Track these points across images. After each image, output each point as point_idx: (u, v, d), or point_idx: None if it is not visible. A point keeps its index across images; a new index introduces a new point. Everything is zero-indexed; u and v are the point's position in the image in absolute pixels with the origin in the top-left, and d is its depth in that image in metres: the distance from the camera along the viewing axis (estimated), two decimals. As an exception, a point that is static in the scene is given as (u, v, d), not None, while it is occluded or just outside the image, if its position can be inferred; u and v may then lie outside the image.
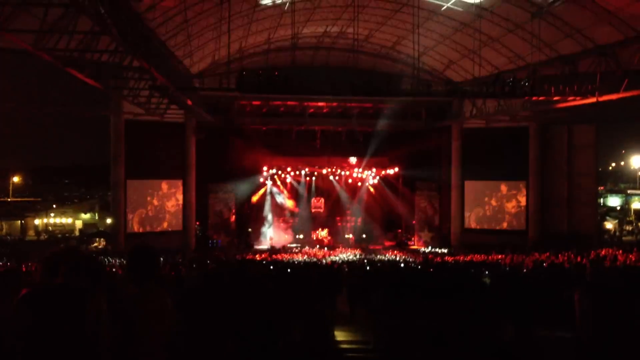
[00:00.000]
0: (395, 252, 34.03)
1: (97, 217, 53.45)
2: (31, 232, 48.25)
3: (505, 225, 35.12)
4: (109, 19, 15.33)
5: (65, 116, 27.83)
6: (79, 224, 52.45)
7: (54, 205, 54.17)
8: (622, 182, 59.62)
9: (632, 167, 55.26)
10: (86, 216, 54.04)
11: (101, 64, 21.10)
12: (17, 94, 22.49)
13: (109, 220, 40.16)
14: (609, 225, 43.77)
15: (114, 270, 15.96)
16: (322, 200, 39.75)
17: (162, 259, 17.13)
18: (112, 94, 25.06)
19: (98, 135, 33.98)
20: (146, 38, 20.92)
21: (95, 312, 3.48)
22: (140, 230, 32.52)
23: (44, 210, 51.93)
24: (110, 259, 24.57)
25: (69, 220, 52.56)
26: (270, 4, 26.92)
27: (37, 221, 50.20)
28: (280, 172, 37.65)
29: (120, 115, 30.63)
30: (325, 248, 35.68)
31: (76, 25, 16.15)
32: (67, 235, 47.03)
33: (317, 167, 38.10)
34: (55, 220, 52.12)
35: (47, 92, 23.42)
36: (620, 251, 22.64)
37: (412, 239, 38.14)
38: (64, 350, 3.35)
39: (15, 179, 55.12)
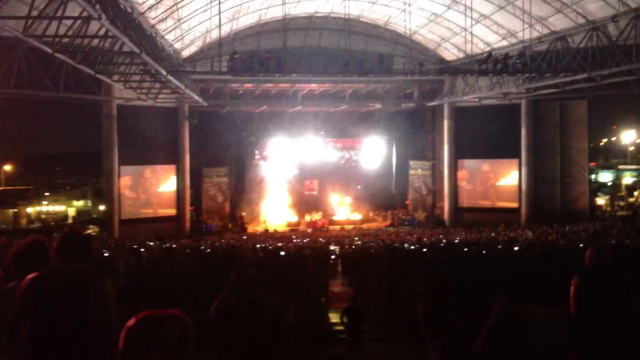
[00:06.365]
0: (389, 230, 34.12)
1: (90, 204, 53.23)
2: (24, 221, 48.06)
3: (498, 203, 35.23)
4: (97, 4, 15.17)
5: (56, 103, 27.61)
6: (72, 211, 52.24)
7: (47, 193, 53.94)
8: (614, 157, 59.75)
9: (623, 143, 55.37)
10: (79, 203, 53.82)
11: (91, 49, 20.92)
12: (6, 81, 22.30)
13: (102, 207, 40.04)
14: (601, 201, 43.95)
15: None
16: (316, 182, 39.75)
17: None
18: (103, 80, 24.90)
19: (90, 121, 33.76)
20: (136, 22, 20.76)
21: (101, 296, 3.48)
22: (134, 215, 32.50)
23: (37, 198, 51.69)
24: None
25: (62, 208, 52.36)
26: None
27: (29, 209, 49.98)
28: (273, 154, 37.53)
29: (111, 101, 30.45)
30: (319, 230, 35.72)
31: (65, 11, 15.98)
32: (60, 222, 46.85)
33: (310, 148, 37.98)
34: (48, 208, 51.91)
35: (37, 79, 23.24)
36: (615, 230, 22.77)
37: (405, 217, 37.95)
38: (70, 336, 3.34)
39: (7, 168, 54.79)
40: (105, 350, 3.42)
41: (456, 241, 21.37)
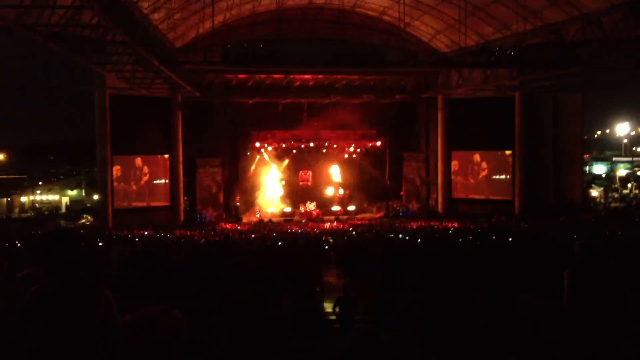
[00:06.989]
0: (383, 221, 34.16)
1: (83, 194, 53.17)
2: (17, 210, 47.97)
3: (491, 194, 35.30)
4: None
5: (49, 92, 27.48)
6: (65, 200, 52.16)
7: (40, 182, 53.86)
8: (608, 149, 59.97)
9: (617, 135, 55.57)
10: (73, 193, 53.78)
11: (84, 38, 20.79)
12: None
13: (95, 197, 39.96)
14: (595, 193, 44.16)
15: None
16: (310, 172, 39.72)
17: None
18: (96, 69, 24.81)
19: (83, 110, 33.68)
20: (128, 11, 20.65)
21: (104, 304, 3.42)
22: (128, 206, 32.47)
23: (30, 187, 51.61)
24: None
25: (56, 197, 52.28)
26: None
27: (23, 198, 49.87)
28: (266, 145, 37.49)
29: (104, 91, 30.31)
30: (314, 220, 35.72)
31: (57, 0, 15.89)
32: (54, 212, 46.75)
33: (304, 139, 37.94)
34: (41, 197, 51.82)
35: (30, 69, 23.12)
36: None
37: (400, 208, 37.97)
38: (76, 346, 3.28)
39: (0, 157, 54.61)
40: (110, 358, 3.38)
41: (450, 232, 21.46)
